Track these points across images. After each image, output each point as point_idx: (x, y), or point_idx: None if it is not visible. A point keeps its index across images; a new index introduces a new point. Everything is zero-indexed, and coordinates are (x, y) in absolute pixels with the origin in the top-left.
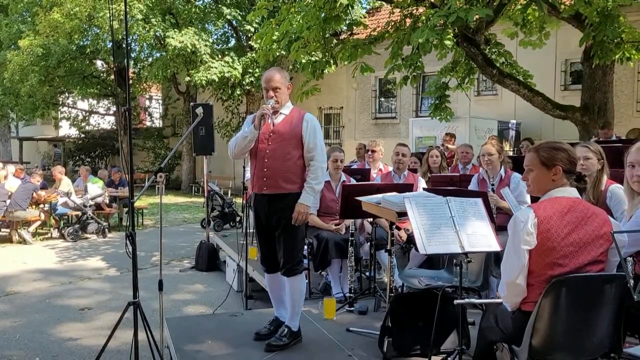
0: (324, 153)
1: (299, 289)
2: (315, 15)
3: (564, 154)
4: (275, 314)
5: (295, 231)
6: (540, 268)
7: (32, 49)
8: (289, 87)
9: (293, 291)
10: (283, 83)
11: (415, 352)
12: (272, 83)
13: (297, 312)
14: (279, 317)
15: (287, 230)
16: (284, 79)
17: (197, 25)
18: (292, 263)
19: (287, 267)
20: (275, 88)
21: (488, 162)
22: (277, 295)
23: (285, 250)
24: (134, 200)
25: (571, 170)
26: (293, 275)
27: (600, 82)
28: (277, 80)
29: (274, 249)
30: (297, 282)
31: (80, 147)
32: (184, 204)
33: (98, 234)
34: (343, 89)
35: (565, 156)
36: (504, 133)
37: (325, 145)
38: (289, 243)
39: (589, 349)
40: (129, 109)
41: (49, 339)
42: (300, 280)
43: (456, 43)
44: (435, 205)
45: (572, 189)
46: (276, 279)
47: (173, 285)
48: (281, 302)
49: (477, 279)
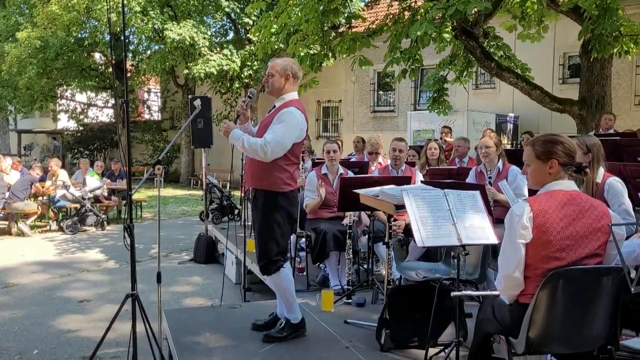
0: (279, 141)
1: (281, 286)
2: (314, 8)
3: (559, 146)
4: (278, 307)
5: (264, 229)
6: (536, 261)
7: (30, 42)
8: (287, 77)
9: (276, 288)
10: (279, 71)
11: (413, 344)
12: (269, 68)
13: (290, 304)
14: (278, 311)
15: (257, 228)
16: (282, 68)
17: (196, 17)
18: (263, 261)
19: (260, 266)
20: (270, 74)
21: (485, 155)
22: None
23: (256, 248)
24: (132, 193)
25: (568, 163)
26: (269, 275)
27: (599, 75)
28: (273, 66)
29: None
30: (275, 280)
31: (78, 140)
32: (182, 197)
33: (97, 227)
34: (341, 82)
35: (561, 149)
36: (502, 126)
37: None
38: (259, 241)
39: (586, 341)
40: (127, 101)
41: (48, 330)
42: (280, 277)
43: (454, 36)
44: (433, 198)
45: (569, 181)
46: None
47: (171, 278)
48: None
49: (474, 271)
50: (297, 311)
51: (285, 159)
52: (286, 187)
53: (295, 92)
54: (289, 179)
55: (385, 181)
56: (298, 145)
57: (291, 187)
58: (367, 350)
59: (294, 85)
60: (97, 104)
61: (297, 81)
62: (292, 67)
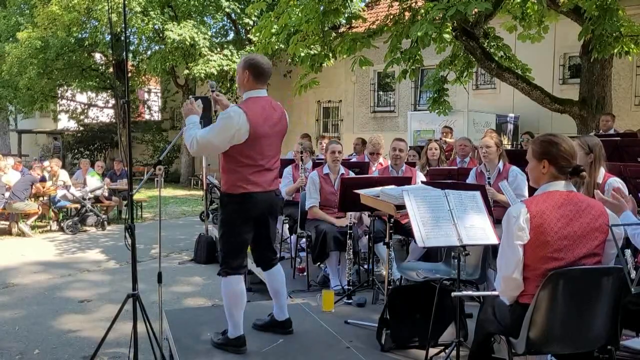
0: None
1: (224, 293)
2: (314, 8)
3: (553, 148)
4: (274, 308)
5: (220, 232)
6: (535, 262)
7: (31, 42)
8: (245, 74)
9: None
10: (239, 68)
11: (413, 344)
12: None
13: (228, 317)
14: (275, 312)
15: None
16: (241, 65)
17: (196, 18)
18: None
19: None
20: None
21: (486, 155)
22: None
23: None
24: (133, 193)
25: (562, 165)
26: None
27: (599, 76)
28: (239, 63)
29: (255, 245)
30: (222, 286)
31: (79, 140)
32: (182, 197)
33: (97, 227)
34: (342, 83)
35: (554, 150)
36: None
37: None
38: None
39: (586, 341)
40: (128, 101)
41: (49, 330)
42: (224, 284)
43: (455, 37)
44: (433, 198)
45: (566, 182)
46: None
47: (172, 278)
48: (274, 295)
49: (474, 271)
50: (236, 328)
51: (236, 161)
52: (237, 189)
53: (257, 89)
54: (242, 181)
55: (386, 181)
56: (252, 147)
57: (245, 190)
58: (367, 351)
59: (256, 82)
60: (98, 104)
61: (261, 78)
62: (250, 63)
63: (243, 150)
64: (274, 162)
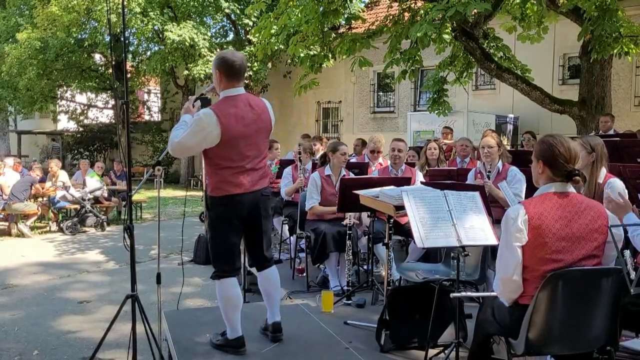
0: (181, 142)
1: (219, 296)
2: (314, 9)
3: (549, 150)
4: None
5: (209, 235)
6: (534, 264)
7: (30, 42)
8: (218, 74)
9: (217, 297)
10: (214, 68)
11: (413, 345)
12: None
13: (225, 319)
14: (268, 315)
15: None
16: (214, 65)
17: (196, 18)
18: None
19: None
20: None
21: (487, 155)
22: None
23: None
24: (132, 194)
25: (557, 168)
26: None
27: (598, 76)
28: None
29: (247, 246)
30: (217, 289)
31: (78, 141)
32: (182, 198)
33: (97, 228)
34: (341, 83)
35: (549, 153)
36: (501, 127)
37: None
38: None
39: (585, 342)
40: (127, 102)
41: (48, 331)
42: (218, 287)
43: (454, 37)
44: (432, 198)
45: (564, 184)
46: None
47: (171, 279)
48: (264, 297)
49: (474, 272)
50: (233, 329)
51: (215, 164)
52: (220, 192)
53: (232, 88)
54: (223, 184)
55: (385, 182)
56: (229, 149)
57: (227, 192)
58: (367, 351)
59: (230, 81)
60: (97, 105)
61: (235, 76)
62: (220, 62)
63: (220, 153)
64: (257, 162)
